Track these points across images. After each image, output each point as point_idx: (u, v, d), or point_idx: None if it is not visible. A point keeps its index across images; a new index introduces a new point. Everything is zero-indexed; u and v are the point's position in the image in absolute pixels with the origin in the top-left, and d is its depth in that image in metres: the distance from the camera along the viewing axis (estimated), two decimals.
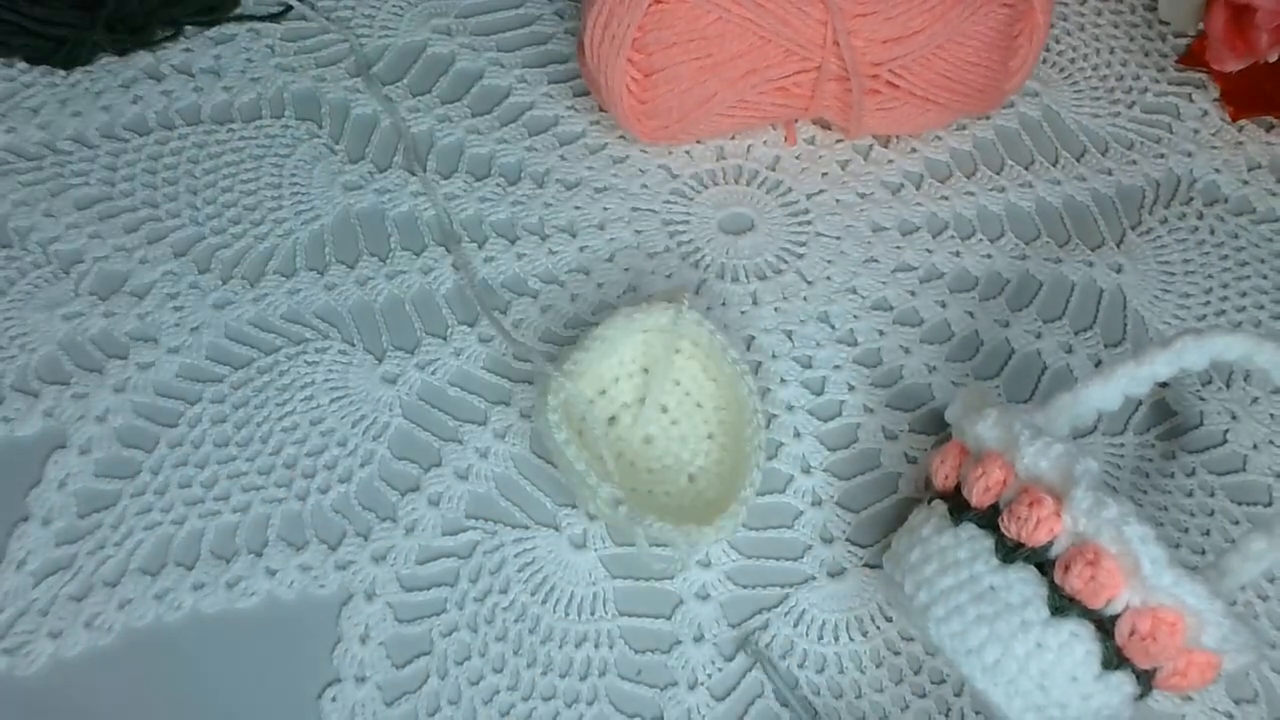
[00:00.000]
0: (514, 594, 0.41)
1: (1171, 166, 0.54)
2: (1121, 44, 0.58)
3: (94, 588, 0.41)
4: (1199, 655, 0.34)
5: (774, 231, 0.51)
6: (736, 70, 0.48)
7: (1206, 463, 0.45)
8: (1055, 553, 0.34)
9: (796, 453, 0.45)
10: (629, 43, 0.47)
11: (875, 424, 0.45)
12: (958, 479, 0.38)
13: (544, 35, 0.58)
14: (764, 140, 0.54)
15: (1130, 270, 0.50)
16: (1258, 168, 0.54)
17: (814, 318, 0.48)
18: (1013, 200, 0.52)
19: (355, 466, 0.44)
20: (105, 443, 0.44)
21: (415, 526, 0.42)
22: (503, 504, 0.43)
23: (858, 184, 0.53)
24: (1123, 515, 0.33)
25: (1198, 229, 0.52)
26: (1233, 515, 0.43)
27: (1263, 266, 0.50)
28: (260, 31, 0.57)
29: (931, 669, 0.40)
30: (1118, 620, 0.34)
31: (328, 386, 0.45)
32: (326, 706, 0.39)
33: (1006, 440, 0.36)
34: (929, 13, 0.47)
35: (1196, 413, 0.46)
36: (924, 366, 0.47)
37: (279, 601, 0.41)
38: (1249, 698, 0.39)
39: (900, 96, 0.50)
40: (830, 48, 0.47)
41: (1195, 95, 0.56)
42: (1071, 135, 0.55)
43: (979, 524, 0.36)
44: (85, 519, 0.42)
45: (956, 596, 0.35)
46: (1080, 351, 0.48)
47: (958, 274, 0.50)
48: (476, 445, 0.44)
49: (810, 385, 0.46)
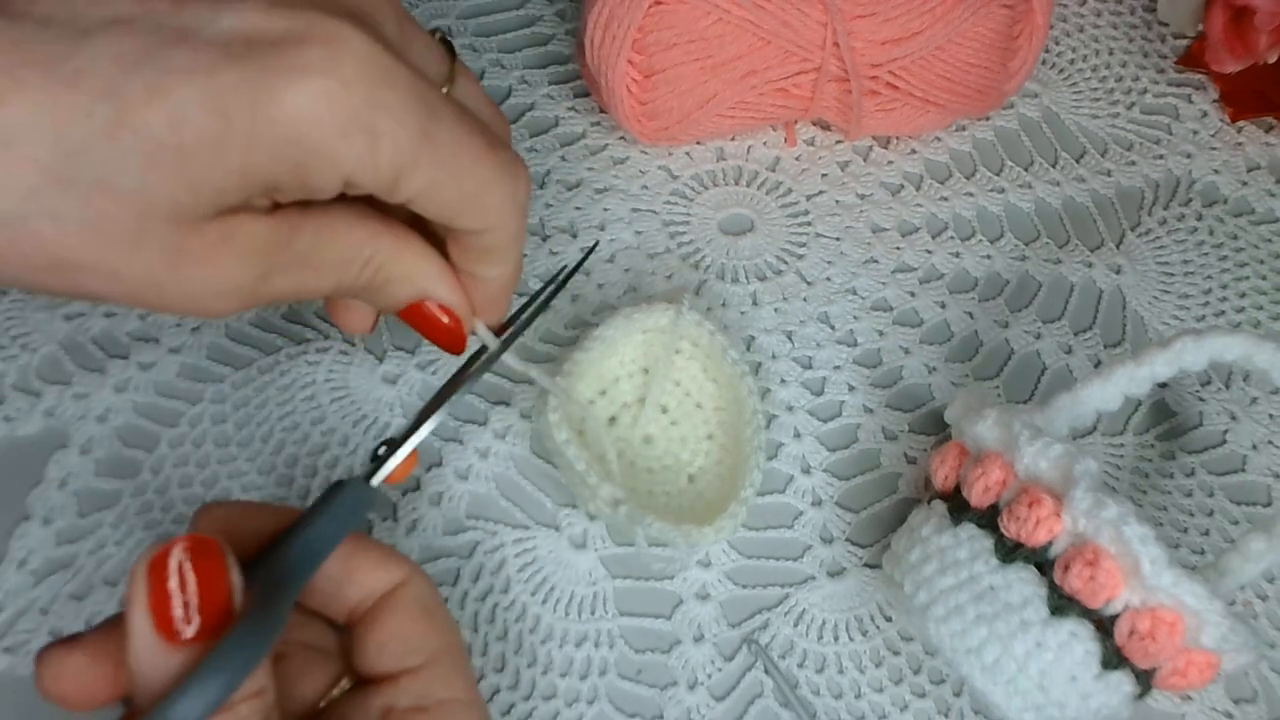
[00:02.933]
0: (514, 593, 0.41)
1: (1171, 167, 0.54)
2: (1121, 45, 0.59)
3: (95, 587, 0.41)
4: (1198, 655, 0.34)
5: (774, 232, 0.51)
6: (736, 71, 0.48)
7: (1206, 463, 0.45)
8: (1055, 553, 0.34)
9: (796, 453, 0.45)
10: (629, 44, 0.47)
11: (875, 424, 0.46)
12: (957, 479, 0.38)
13: (545, 36, 0.58)
14: (764, 141, 0.54)
15: (1129, 271, 0.50)
16: (1257, 169, 0.54)
17: (814, 318, 0.48)
18: (1012, 201, 0.53)
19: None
20: (106, 442, 0.44)
21: (416, 526, 0.42)
22: (503, 504, 0.43)
23: (857, 185, 0.53)
24: (1122, 515, 0.33)
25: (1197, 230, 0.52)
26: (1232, 515, 0.43)
27: (1262, 267, 0.50)
28: None
29: (931, 669, 0.40)
30: (1117, 620, 0.34)
31: (329, 386, 0.45)
32: None
33: (1006, 440, 0.36)
34: (929, 14, 0.47)
35: (1196, 413, 0.46)
36: (924, 367, 0.47)
37: None
38: (1248, 697, 0.40)
39: (900, 97, 0.50)
40: (830, 49, 0.47)
41: (1194, 96, 0.56)
42: (1071, 136, 0.55)
43: (978, 524, 0.36)
44: (86, 518, 0.42)
45: (956, 596, 0.35)
46: (1080, 352, 0.48)
47: (957, 275, 0.50)
48: (477, 445, 0.44)
49: (810, 386, 0.47)
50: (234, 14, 0.27)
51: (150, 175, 0.26)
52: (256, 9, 0.27)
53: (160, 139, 0.26)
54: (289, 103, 0.26)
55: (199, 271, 0.28)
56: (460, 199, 0.30)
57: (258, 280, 0.29)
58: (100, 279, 0.27)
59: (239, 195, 0.28)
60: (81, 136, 0.25)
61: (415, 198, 0.30)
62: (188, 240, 0.27)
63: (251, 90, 0.26)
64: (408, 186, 0.29)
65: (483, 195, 0.31)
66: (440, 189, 0.29)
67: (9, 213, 0.26)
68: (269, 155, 0.27)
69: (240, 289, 0.29)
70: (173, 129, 0.26)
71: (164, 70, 0.26)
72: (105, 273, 0.27)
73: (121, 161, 0.25)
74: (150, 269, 0.27)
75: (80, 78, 0.25)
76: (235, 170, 0.27)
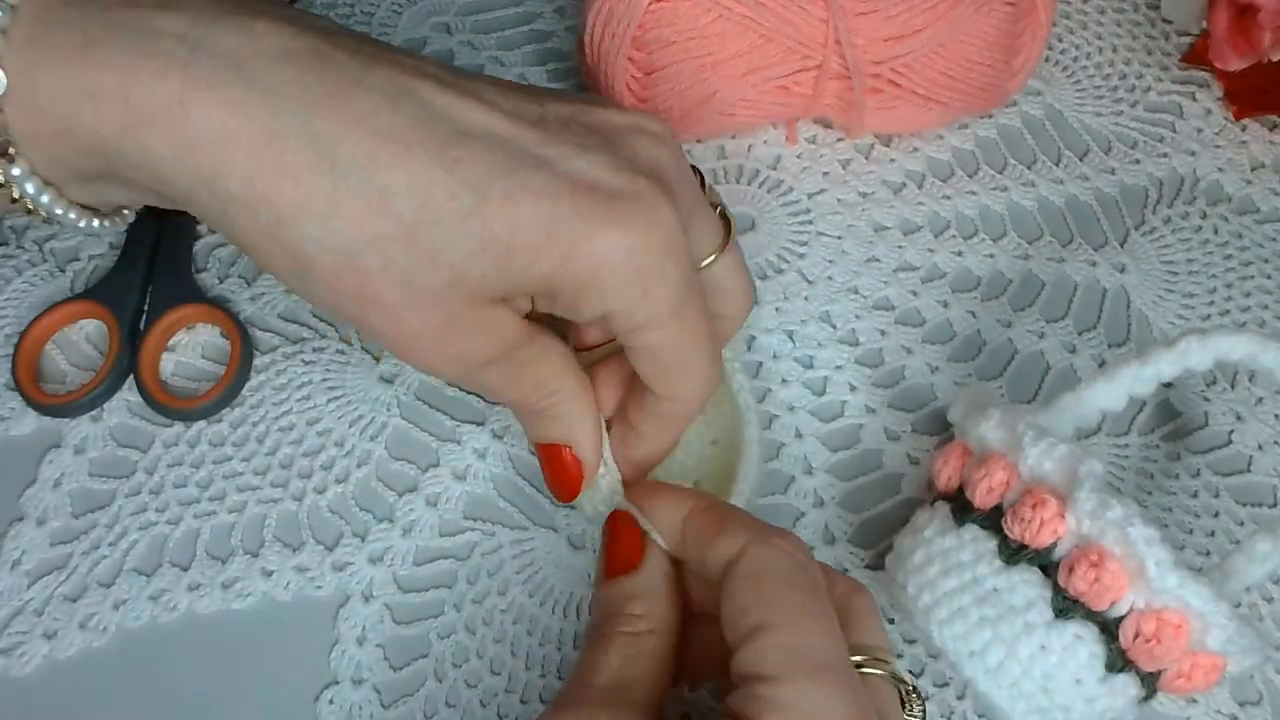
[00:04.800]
0: (512, 595, 0.41)
1: (1175, 166, 0.53)
2: (1124, 43, 0.58)
3: (89, 588, 0.40)
4: (1203, 657, 0.34)
5: (775, 231, 0.51)
6: (737, 69, 0.48)
7: (1211, 464, 0.44)
8: (1059, 554, 0.34)
9: (798, 453, 0.44)
10: (629, 41, 0.47)
11: (877, 425, 0.45)
12: (960, 480, 0.37)
13: (544, 33, 0.58)
14: (765, 139, 0.54)
15: (1134, 270, 0.50)
16: (1261, 167, 0.54)
17: (815, 318, 0.48)
18: (1015, 199, 0.52)
19: (352, 467, 0.43)
20: (100, 442, 0.43)
21: (413, 527, 0.42)
22: (501, 505, 0.43)
23: (859, 183, 0.52)
24: (1127, 517, 0.33)
25: (1201, 228, 0.51)
26: (1237, 516, 0.43)
27: (1266, 266, 0.50)
28: None
29: (935, 671, 0.40)
30: (1122, 622, 0.33)
31: (325, 386, 0.45)
32: (323, 709, 0.38)
33: (1010, 441, 0.36)
34: (931, 11, 0.47)
35: (1201, 413, 0.46)
36: (926, 367, 0.47)
37: (275, 602, 0.40)
38: (1253, 700, 0.39)
39: (902, 95, 0.49)
40: (831, 46, 0.47)
41: (1199, 94, 0.56)
42: (1074, 134, 0.55)
43: (982, 525, 0.36)
44: (80, 519, 0.42)
45: (960, 598, 0.35)
46: (1084, 351, 0.47)
47: (960, 273, 0.50)
48: (475, 446, 0.44)
49: (812, 386, 0.46)
50: (587, 161, 0.32)
51: (475, 258, 0.31)
52: (605, 164, 0.32)
53: (497, 235, 0.31)
54: (602, 245, 0.31)
55: (457, 340, 0.33)
56: (672, 366, 0.35)
57: (484, 363, 0.34)
58: (383, 316, 0.32)
59: (524, 294, 0.33)
60: (440, 211, 0.30)
61: (642, 349, 0.34)
62: (466, 313, 0.32)
63: (579, 226, 0.31)
64: (643, 339, 0.34)
65: (690, 371, 0.35)
66: (664, 352, 0.34)
67: (356, 244, 0.31)
68: (568, 277, 0.31)
69: (470, 365, 0.34)
70: (510, 232, 0.31)
71: (522, 186, 0.31)
72: (392, 313, 0.32)
73: (460, 239, 0.31)
74: (426, 325, 0.32)
75: (456, 166, 0.31)
76: (538, 278, 0.32)
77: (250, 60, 0.30)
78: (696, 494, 0.35)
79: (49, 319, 0.45)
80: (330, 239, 0.31)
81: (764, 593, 0.30)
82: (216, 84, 0.30)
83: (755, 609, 0.30)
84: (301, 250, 0.31)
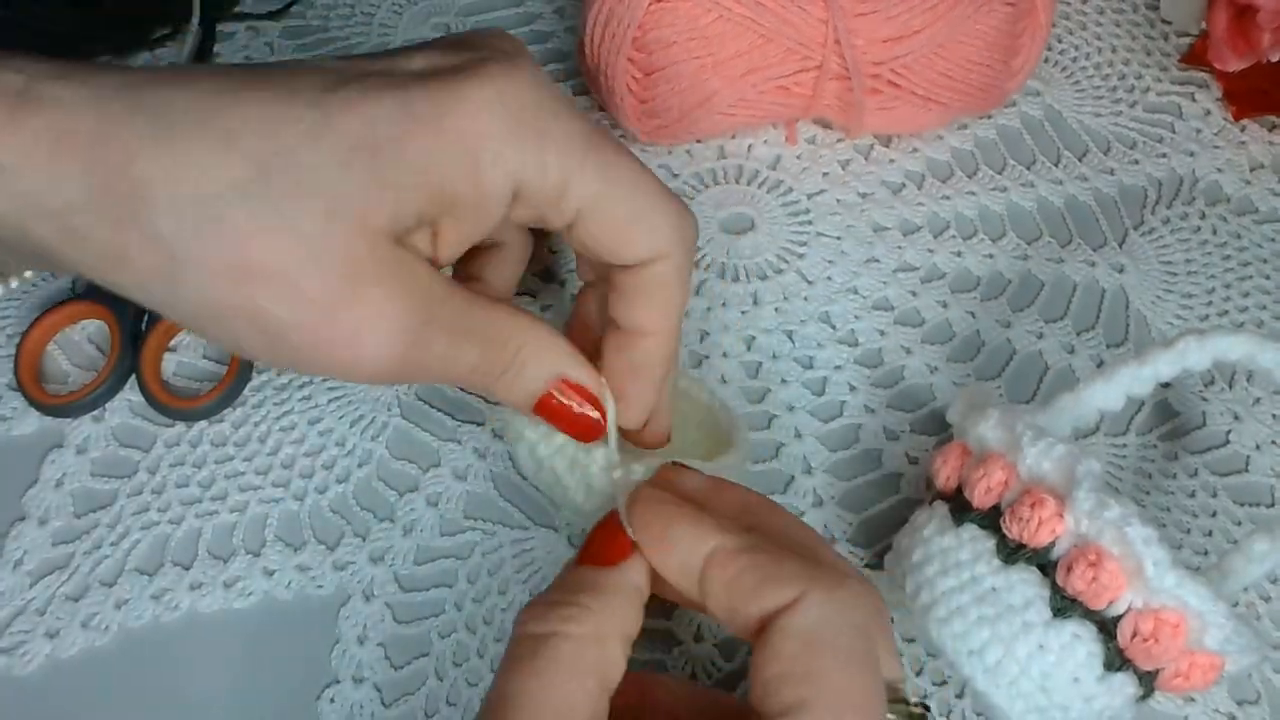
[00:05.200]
0: (513, 594, 0.41)
1: (1174, 166, 0.54)
2: (1124, 43, 0.58)
3: (91, 587, 0.40)
4: (1201, 657, 0.34)
5: (774, 231, 0.51)
6: (737, 69, 0.48)
7: (1209, 463, 0.44)
8: (1057, 554, 0.34)
9: (797, 453, 0.44)
10: (629, 41, 0.47)
11: (876, 424, 0.45)
12: (959, 480, 0.37)
13: (544, 33, 0.58)
14: (765, 140, 0.54)
15: (1132, 270, 0.50)
16: (1260, 168, 0.54)
17: (815, 318, 0.48)
18: (1014, 200, 0.52)
19: (353, 466, 0.43)
20: (102, 442, 0.44)
21: (414, 527, 0.42)
22: (501, 504, 0.43)
23: (859, 183, 0.52)
24: (1125, 516, 0.33)
25: (1200, 229, 0.51)
26: (1235, 516, 0.43)
27: (1265, 267, 0.50)
28: (259, 29, 0.57)
29: (933, 670, 0.40)
30: (1120, 622, 0.33)
31: (325, 386, 0.45)
32: (325, 708, 0.38)
33: (1008, 441, 0.36)
34: (930, 11, 0.47)
35: (1199, 413, 0.46)
36: (925, 367, 0.47)
37: (277, 602, 0.41)
38: (1251, 699, 0.39)
39: (901, 95, 0.50)
40: (831, 46, 0.47)
41: (1198, 95, 0.56)
42: (1074, 134, 0.55)
43: (981, 525, 0.36)
44: (82, 518, 0.42)
45: (958, 598, 0.35)
46: (1082, 352, 0.47)
47: (959, 274, 0.50)
48: (475, 445, 0.44)
49: (811, 386, 0.46)
50: (423, 57, 0.31)
51: (343, 172, 0.29)
52: (440, 49, 0.31)
53: (356, 138, 0.29)
54: (469, 100, 0.29)
55: (368, 303, 0.30)
56: (630, 216, 0.32)
57: (420, 327, 0.31)
58: (277, 292, 0.29)
59: (416, 203, 0.30)
60: (290, 136, 0.29)
61: (584, 212, 0.31)
62: (365, 257, 0.29)
63: (437, 97, 0.30)
64: (576, 194, 0.31)
65: (652, 215, 0.32)
66: (609, 203, 0.31)
67: (212, 196, 0.28)
68: (448, 153, 0.30)
69: (401, 337, 0.30)
70: (367, 127, 0.29)
71: (363, 89, 0.30)
72: (286, 287, 0.29)
73: (320, 160, 0.29)
74: (328, 288, 0.29)
75: (294, 94, 0.29)
76: (418, 168, 0.29)
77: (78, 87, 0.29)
78: (728, 528, 0.30)
79: (51, 319, 0.45)
80: (184, 189, 0.28)
81: (812, 663, 0.27)
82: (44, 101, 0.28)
83: (799, 683, 0.27)
84: (157, 227, 0.28)
